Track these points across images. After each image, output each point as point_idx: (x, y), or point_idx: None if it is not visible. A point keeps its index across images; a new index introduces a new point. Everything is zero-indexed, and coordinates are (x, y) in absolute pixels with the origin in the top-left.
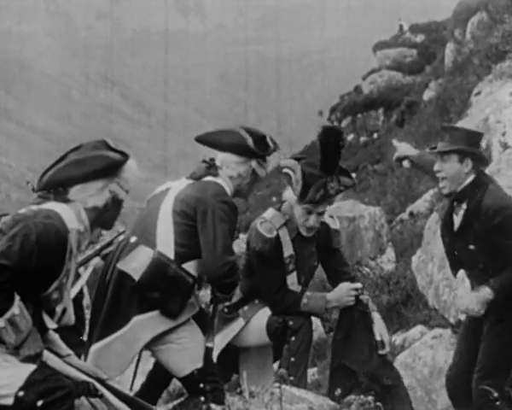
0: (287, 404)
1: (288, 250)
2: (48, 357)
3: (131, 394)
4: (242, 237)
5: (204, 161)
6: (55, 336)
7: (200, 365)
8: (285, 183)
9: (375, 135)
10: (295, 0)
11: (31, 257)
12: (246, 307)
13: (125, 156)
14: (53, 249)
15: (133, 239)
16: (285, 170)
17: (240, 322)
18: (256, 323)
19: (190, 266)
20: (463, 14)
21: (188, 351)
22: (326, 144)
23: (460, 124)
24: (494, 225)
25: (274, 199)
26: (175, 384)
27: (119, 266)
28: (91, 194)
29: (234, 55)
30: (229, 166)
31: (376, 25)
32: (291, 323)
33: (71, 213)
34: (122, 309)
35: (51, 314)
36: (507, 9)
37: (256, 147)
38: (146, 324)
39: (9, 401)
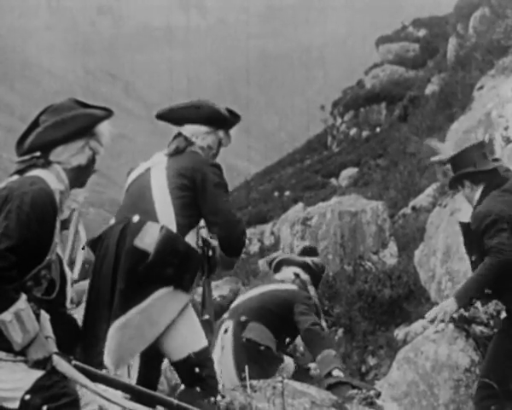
0: (289, 398)
1: None
2: (58, 362)
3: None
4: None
5: (179, 134)
6: (45, 317)
7: (197, 348)
8: None
9: (378, 129)
10: None
11: (29, 227)
12: None
13: (108, 111)
14: (47, 212)
15: (136, 218)
16: None
17: None
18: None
19: (190, 238)
20: (466, 9)
21: (185, 334)
22: None
23: (462, 119)
24: (480, 230)
25: (276, 194)
26: (177, 379)
27: (136, 243)
28: (73, 153)
29: (235, 50)
30: (199, 137)
31: (378, 19)
32: None
33: (51, 176)
34: (140, 284)
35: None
36: (510, 4)
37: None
38: (166, 298)
39: (15, 405)
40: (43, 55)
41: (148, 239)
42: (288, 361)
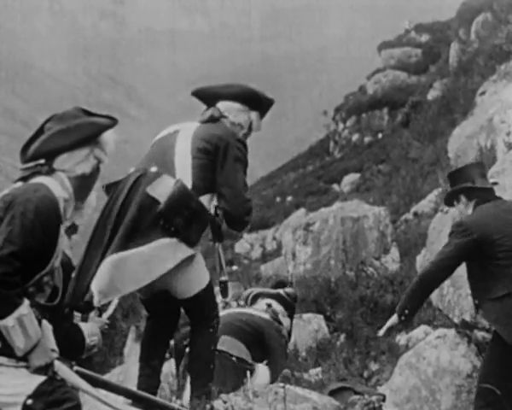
0: (291, 404)
1: None
2: (59, 368)
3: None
4: (246, 237)
5: (211, 107)
6: (48, 327)
7: (204, 285)
8: None
9: (380, 135)
10: (299, 0)
11: (33, 233)
12: None
13: (113, 120)
14: (52, 218)
15: (154, 169)
16: None
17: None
18: None
19: (204, 199)
20: (468, 14)
21: (194, 273)
22: None
23: (464, 124)
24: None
25: (278, 200)
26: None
27: (148, 190)
28: (78, 161)
29: (238, 53)
30: (231, 113)
31: (381, 24)
32: None
33: (55, 183)
34: (145, 229)
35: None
36: (511, 9)
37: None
38: (168, 248)
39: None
40: (46, 59)
41: (160, 189)
42: (263, 370)
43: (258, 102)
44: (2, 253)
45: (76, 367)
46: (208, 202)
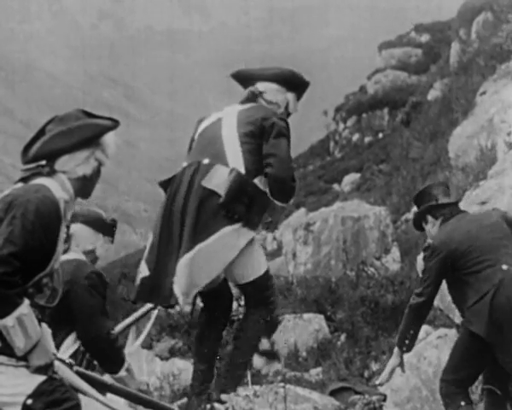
0: (291, 404)
1: None
2: (59, 367)
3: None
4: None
5: (248, 89)
6: (47, 331)
7: (262, 272)
8: None
9: (381, 135)
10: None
11: (33, 234)
12: None
13: (115, 122)
14: (52, 219)
15: (206, 161)
16: None
17: None
18: None
19: (258, 182)
20: (468, 14)
21: (254, 258)
22: None
23: (465, 124)
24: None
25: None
26: (179, 384)
27: (204, 183)
28: (79, 163)
29: (237, 53)
30: (269, 93)
31: (381, 24)
32: None
33: (56, 185)
34: (208, 222)
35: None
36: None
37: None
38: (232, 235)
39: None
40: (45, 58)
41: (216, 180)
42: None
43: (295, 84)
44: (2, 253)
45: (76, 368)
46: (262, 183)
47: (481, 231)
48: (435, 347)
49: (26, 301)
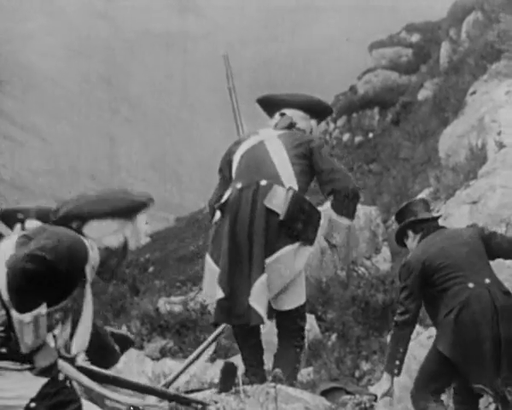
0: (282, 404)
1: None
2: (63, 367)
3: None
4: None
5: (283, 115)
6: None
7: (303, 301)
8: None
9: (371, 134)
10: (291, 0)
11: (61, 259)
12: None
13: (150, 200)
14: (81, 258)
15: (264, 182)
16: None
17: None
18: None
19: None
20: (459, 14)
21: (298, 288)
22: None
23: (455, 124)
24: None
25: None
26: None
27: (266, 203)
28: (106, 233)
29: (231, 55)
30: (297, 121)
31: (371, 24)
32: None
33: (87, 242)
34: (271, 241)
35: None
36: (502, 8)
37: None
38: (293, 253)
39: None
40: (40, 59)
41: (276, 200)
42: None
43: (320, 112)
44: (35, 252)
45: (78, 364)
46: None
47: (453, 248)
48: (425, 347)
49: (45, 303)
